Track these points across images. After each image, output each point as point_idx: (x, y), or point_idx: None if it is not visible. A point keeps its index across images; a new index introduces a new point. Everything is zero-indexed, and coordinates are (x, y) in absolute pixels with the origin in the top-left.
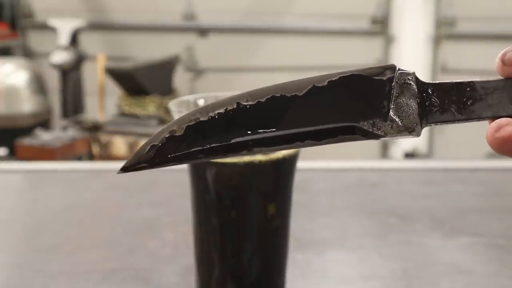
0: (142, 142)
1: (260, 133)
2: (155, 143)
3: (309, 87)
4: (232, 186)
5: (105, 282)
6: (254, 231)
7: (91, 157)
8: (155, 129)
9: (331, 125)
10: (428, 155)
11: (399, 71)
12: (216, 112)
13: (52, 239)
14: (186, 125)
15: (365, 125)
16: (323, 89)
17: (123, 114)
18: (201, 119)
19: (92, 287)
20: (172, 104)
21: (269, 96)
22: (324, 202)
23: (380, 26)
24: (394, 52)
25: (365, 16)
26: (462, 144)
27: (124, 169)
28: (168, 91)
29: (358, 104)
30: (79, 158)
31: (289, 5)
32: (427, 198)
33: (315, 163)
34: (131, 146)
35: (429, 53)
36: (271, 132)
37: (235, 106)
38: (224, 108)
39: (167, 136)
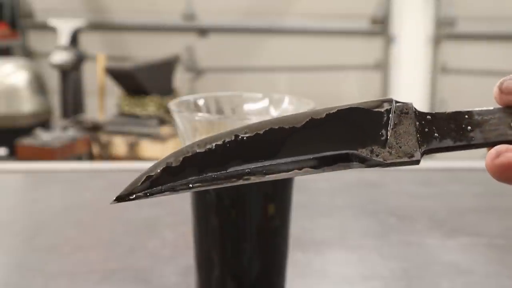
0: (142, 142)
1: (257, 162)
2: (151, 174)
3: (307, 120)
4: (232, 186)
5: (105, 282)
6: (254, 231)
7: (91, 157)
8: (155, 129)
9: (329, 153)
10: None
11: (397, 103)
12: (214, 144)
13: (52, 239)
14: (183, 156)
15: (364, 152)
16: (321, 121)
17: (123, 114)
18: (198, 151)
19: (92, 287)
20: (172, 104)
21: (267, 129)
22: (324, 202)
23: (380, 26)
24: (394, 52)
25: (365, 16)
26: None
27: (119, 199)
28: (168, 91)
29: (356, 134)
30: (79, 158)
31: (289, 5)
32: (427, 198)
33: None
34: (131, 146)
35: (429, 53)
36: (268, 161)
37: (233, 138)
38: (222, 140)
39: (163, 167)
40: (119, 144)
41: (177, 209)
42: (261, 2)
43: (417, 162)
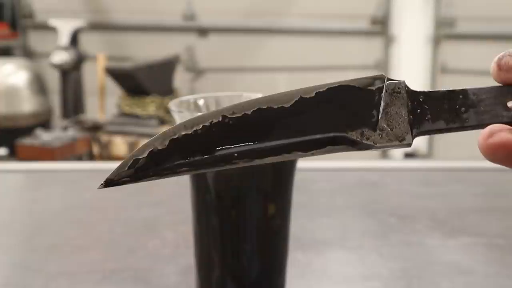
0: (142, 142)
1: (245, 145)
2: (138, 157)
3: (296, 98)
4: (232, 186)
5: (105, 282)
6: (254, 231)
7: (91, 157)
8: (155, 129)
9: (318, 136)
10: (428, 155)
11: (388, 81)
12: (201, 125)
13: (52, 239)
14: (170, 138)
15: (354, 135)
16: (311, 100)
17: (123, 114)
18: (184, 132)
19: (92, 287)
20: (172, 104)
21: (255, 108)
22: (324, 202)
23: (380, 26)
24: (394, 52)
25: (365, 16)
26: (462, 144)
27: (106, 183)
28: (168, 91)
29: (347, 114)
30: (79, 158)
31: (289, 5)
32: (427, 198)
33: (315, 163)
34: (131, 146)
35: (429, 53)
36: (257, 144)
37: (220, 119)
38: (210, 121)
39: (150, 150)
40: (119, 144)
41: (177, 208)
42: (261, 2)
43: (409, 145)
